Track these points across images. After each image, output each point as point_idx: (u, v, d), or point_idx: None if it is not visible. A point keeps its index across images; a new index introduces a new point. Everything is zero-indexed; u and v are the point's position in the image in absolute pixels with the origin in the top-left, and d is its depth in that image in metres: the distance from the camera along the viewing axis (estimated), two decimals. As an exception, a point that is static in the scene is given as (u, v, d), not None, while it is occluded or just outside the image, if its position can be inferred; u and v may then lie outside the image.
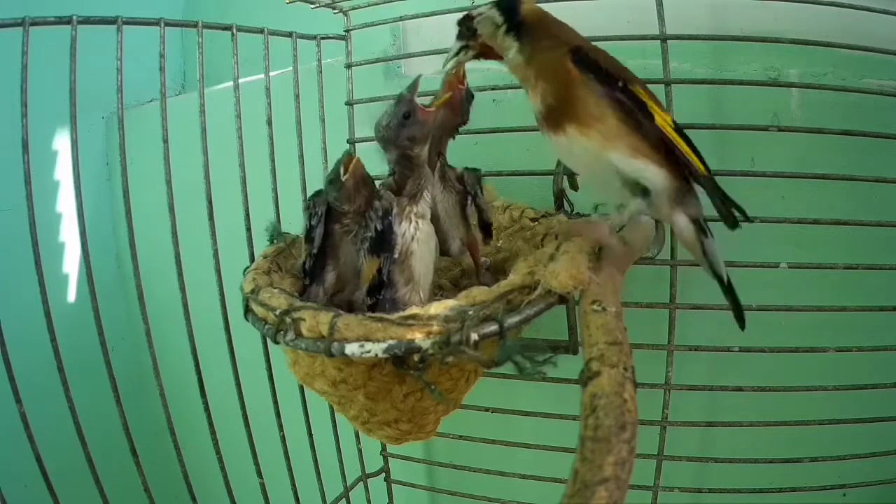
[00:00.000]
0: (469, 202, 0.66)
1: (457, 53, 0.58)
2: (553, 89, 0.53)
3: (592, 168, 0.55)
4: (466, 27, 0.58)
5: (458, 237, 0.66)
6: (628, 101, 0.51)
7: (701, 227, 0.55)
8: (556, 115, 0.54)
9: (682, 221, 0.55)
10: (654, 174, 0.52)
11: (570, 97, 0.52)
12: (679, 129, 0.53)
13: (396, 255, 0.58)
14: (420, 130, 0.59)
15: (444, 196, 0.65)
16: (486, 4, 0.58)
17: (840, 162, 0.71)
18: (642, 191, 0.53)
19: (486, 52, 0.58)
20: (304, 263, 0.63)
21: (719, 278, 0.57)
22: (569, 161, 0.60)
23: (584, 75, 0.52)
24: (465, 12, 0.58)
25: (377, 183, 0.65)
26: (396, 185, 0.61)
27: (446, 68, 0.59)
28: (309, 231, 0.62)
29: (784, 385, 0.71)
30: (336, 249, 0.62)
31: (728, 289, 0.58)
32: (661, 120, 0.51)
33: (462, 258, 0.69)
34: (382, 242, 0.58)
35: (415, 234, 0.59)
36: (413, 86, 0.60)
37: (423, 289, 0.59)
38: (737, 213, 0.53)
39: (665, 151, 0.52)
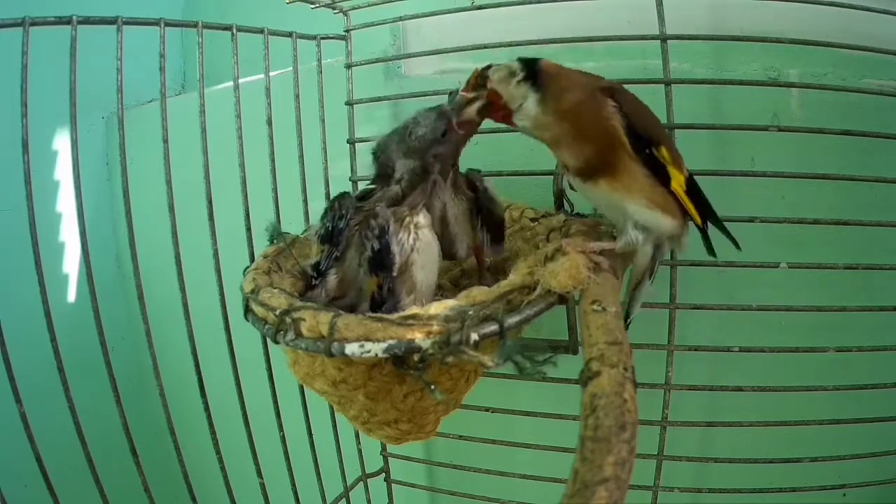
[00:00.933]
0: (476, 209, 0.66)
1: (460, 104, 0.57)
2: (595, 150, 0.53)
3: (606, 208, 0.57)
4: (478, 77, 0.57)
5: (466, 241, 0.66)
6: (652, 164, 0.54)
7: (653, 269, 0.58)
8: (593, 171, 0.54)
9: (647, 252, 0.57)
10: (663, 223, 0.55)
11: (612, 159, 0.53)
12: (690, 188, 0.55)
13: (395, 274, 0.57)
14: (448, 150, 0.60)
15: (455, 203, 0.65)
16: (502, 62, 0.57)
17: (840, 162, 0.71)
18: (644, 227, 0.55)
19: (494, 105, 0.56)
20: (319, 264, 0.62)
21: (627, 314, 0.62)
22: (587, 197, 0.60)
23: (627, 139, 0.52)
24: (482, 66, 0.57)
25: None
26: (402, 192, 0.60)
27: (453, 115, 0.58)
28: (332, 232, 0.61)
29: (784, 385, 0.71)
30: (343, 252, 0.62)
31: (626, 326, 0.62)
32: (676, 184, 0.54)
33: (467, 260, 0.69)
34: (381, 261, 0.57)
35: (413, 244, 0.58)
36: (457, 104, 0.59)
37: (426, 297, 0.59)
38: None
39: (675, 200, 0.55)
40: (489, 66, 0.57)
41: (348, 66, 0.85)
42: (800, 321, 0.73)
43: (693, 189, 0.55)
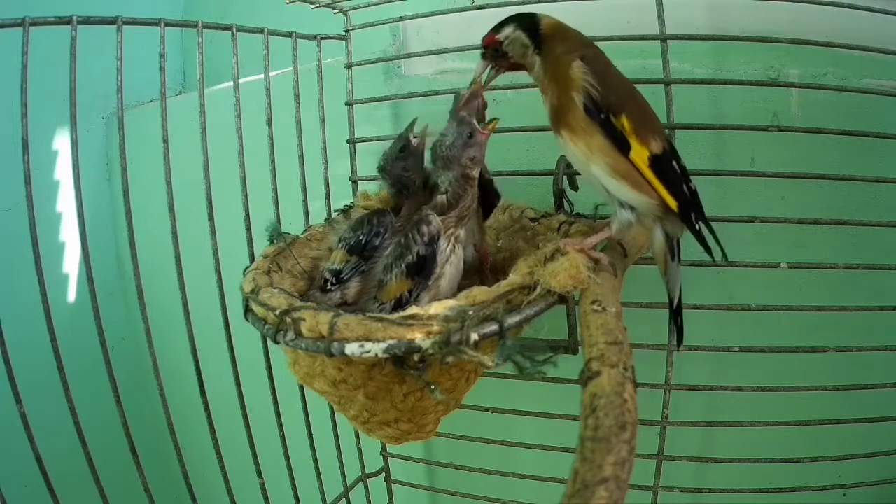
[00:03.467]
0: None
1: (487, 74, 0.60)
2: (557, 94, 0.55)
3: (584, 173, 0.57)
4: (494, 51, 0.59)
5: (473, 243, 0.66)
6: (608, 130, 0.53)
7: (672, 248, 0.57)
8: (556, 119, 0.55)
9: (658, 236, 0.57)
10: (631, 196, 0.54)
11: (566, 106, 0.54)
12: (658, 162, 0.53)
13: (430, 283, 0.58)
14: (479, 151, 0.61)
15: None
16: (507, 26, 0.58)
17: (840, 162, 0.71)
18: (629, 205, 0.55)
19: (513, 67, 0.60)
20: (341, 272, 0.62)
21: (671, 301, 0.60)
22: (572, 161, 0.61)
23: (582, 101, 0.53)
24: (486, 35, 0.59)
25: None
26: (448, 203, 0.61)
27: (471, 88, 0.61)
28: (364, 246, 0.62)
29: (784, 385, 0.71)
30: (372, 267, 0.62)
31: (676, 312, 0.60)
32: (637, 154, 0.52)
33: (473, 262, 0.69)
34: (423, 268, 0.57)
35: (450, 256, 0.59)
36: (471, 108, 0.62)
37: None
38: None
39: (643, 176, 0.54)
40: (500, 41, 0.58)
41: (348, 66, 0.85)
42: (800, 321, 0.73)
43: (664, 168, 0.53)
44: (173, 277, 0.69)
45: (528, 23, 0.57)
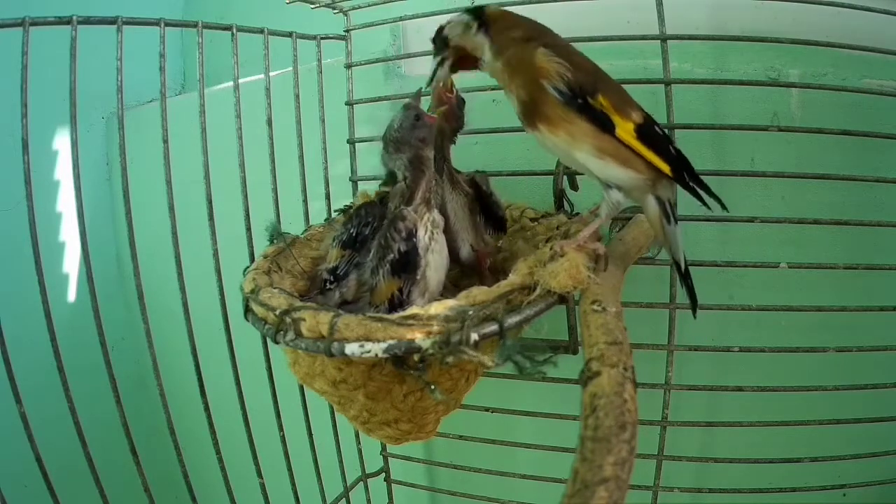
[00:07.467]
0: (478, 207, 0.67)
1: (434, 71, 0.60)
2: (525, 86, 0.54)
3: (568, 161, 0.57)
4: (439, 39, 0.59)
5: (469, 241, 0.66)
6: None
7: (666, 211, 0.56)
8: (530, 113, 0.55)
9: (651, 203, 0.56)
10: (619, 174, 0.53)
11: (539, 98, 0.53)
12: (643, 132, 0.53)
13: (419, 277, 0.58)
14: (428, 132, 0.62)
15: (454, 198, 0.65)
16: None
17: (840, 162, 0.71)
18: (616, 185, 0.54)
19: (462, 60, 0.59)
20: (337, 269, 0.63)
21: (677, 264, 0.58)
22: (550, 152, 0.60)
23: (557, 89, 0.52)
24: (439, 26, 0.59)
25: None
26: (409, 189, 0.61)
27: (428, 89, 0.62)
28: (355, 238, 0.63)
29: (784, 385, 0.71)
30: (364, 258, 0.63)
31: (684, 276, 0.59)
32: (622, 130, 0.52)
33: (470, 262, 0.69)
34: (406, 264, 0.58)
35: (430, 244, 0.60)
36: (417, 94, 0.64)
37: (435, 298, 0.60)
38: (717, 202, 0.56)
39: (631, 149, 0.53)
40: (441, 28, 0.59)
41: (348, 66, 0.85)
42: (800, 321, 0.73)
43: (649, 135, 0.53)
44: (173, 277, 0.69)
45: (473, 9, 0.58)
